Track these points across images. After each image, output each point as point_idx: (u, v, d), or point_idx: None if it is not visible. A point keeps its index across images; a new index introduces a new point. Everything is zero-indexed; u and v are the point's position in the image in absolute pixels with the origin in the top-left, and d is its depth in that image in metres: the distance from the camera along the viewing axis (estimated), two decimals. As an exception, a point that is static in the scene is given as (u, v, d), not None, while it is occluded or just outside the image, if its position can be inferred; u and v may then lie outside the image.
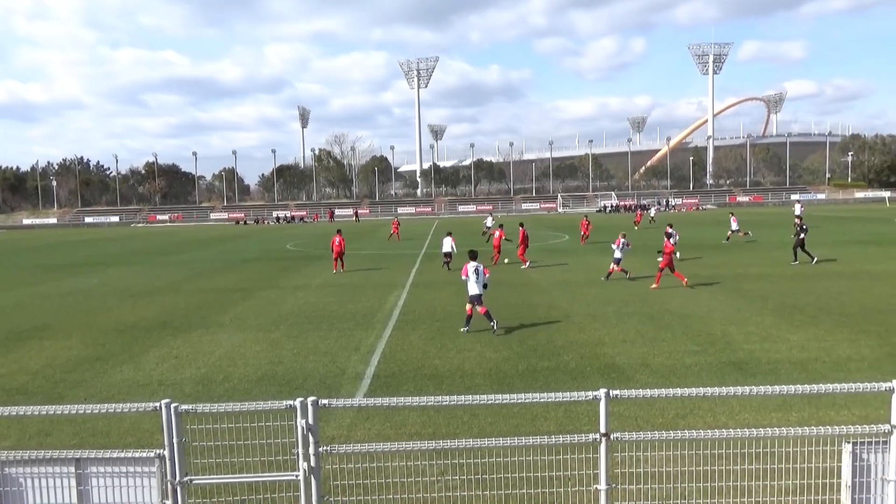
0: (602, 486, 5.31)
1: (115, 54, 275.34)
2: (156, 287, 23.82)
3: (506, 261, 27.86)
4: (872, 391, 5.56)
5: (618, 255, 22.13)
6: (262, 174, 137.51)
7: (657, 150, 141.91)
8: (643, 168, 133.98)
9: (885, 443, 5.48)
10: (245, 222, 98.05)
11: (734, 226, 35.65)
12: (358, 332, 14.65)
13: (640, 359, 11.80)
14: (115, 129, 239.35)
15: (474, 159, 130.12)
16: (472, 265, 14.35)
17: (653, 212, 48.32)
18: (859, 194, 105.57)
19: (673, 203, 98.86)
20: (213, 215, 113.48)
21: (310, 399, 5.12)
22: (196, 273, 28.33)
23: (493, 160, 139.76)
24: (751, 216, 64.87)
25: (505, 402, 5.39)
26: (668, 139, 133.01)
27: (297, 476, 5.16)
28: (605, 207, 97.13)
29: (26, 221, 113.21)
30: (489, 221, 45.21)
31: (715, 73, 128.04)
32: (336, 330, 15.00)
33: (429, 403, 5.38)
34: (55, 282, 26.21)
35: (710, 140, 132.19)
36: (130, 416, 8.92)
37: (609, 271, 22.50)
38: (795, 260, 25.04)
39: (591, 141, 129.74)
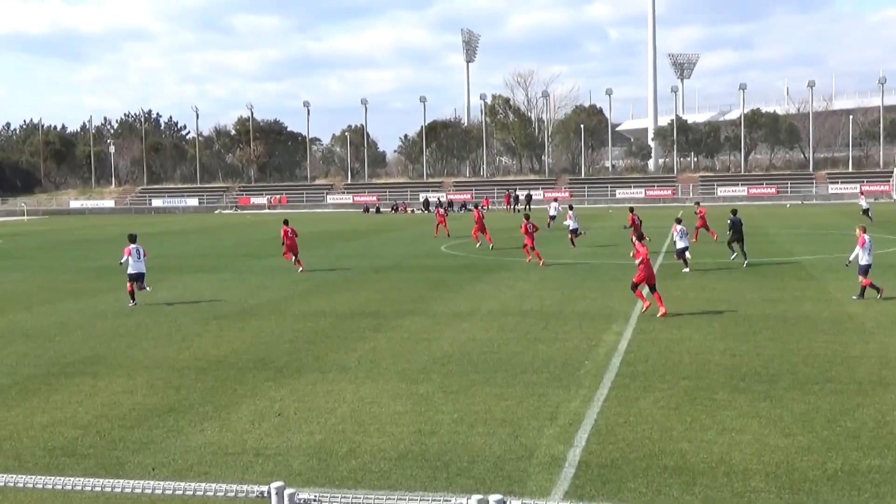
0: None
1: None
2: (250, 306, 25.47)
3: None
4: None
5: (680, 244, 31.62)
6: (405, 136, 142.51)
7: None
8: None
9: None
10: (378, 210, 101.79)
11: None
12: (554, 391, 14.64)
13: None
14: (193, 68, 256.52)
15: (745, 111, 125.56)
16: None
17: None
18: None
19: None
20: (331, 198, 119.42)
21: (492, 498, 5.09)
22: (307, 287, 29.90)
23: (779, 111, 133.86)
24: None
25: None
26: None
27: None
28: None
29: (75, 204, 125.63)
30: (553, 210, 56.67)
31: None
32: (519, 385, 15.10)
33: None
34: (111, 292, 28.81)
35: None
36: (218, 500, 9.48)
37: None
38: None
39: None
